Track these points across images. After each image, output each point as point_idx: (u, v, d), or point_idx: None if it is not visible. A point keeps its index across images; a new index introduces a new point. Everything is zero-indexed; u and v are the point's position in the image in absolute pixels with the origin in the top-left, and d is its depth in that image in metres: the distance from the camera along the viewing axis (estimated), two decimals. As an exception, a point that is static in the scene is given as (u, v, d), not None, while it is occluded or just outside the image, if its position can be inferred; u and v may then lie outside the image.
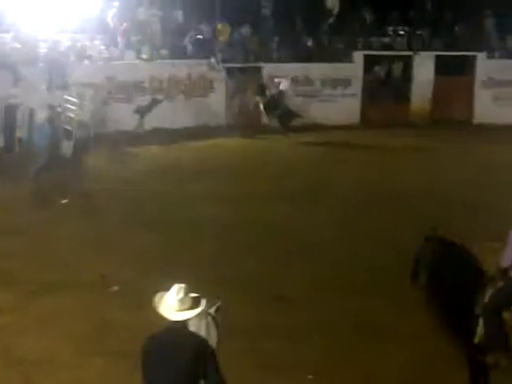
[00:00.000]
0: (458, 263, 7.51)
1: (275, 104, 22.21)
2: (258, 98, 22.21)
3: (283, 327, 9.25)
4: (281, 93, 22.43)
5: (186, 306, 5.28)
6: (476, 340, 7.27)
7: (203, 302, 5.40)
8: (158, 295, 5.41)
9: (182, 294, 5.28)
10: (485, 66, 24.00)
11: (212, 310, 5.95)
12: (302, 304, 9.96)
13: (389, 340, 8.91)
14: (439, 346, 8.09)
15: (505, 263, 7.23)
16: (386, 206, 14.67)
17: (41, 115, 16.90)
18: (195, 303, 5.34)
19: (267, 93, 22.30)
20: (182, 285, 5.35)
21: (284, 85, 22.56)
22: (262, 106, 22.17)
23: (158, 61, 22.21)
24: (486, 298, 7.21)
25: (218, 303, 5.95)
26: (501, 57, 24.33)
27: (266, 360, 8.39)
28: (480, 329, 7.21)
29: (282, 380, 8.04)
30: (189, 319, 5.39)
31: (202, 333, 5.74)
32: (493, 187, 15.85)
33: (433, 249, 7.65)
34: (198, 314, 5.70)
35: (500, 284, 7.26)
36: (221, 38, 22.91)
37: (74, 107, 18.25)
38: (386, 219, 13.75)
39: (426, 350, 8.53)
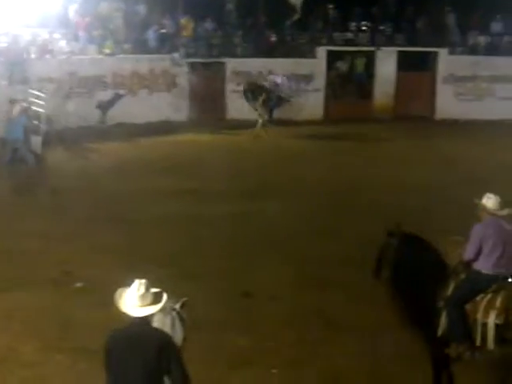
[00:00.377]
0: (420, 257, 7.59)
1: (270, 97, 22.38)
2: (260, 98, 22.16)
3: (249, 322, 9.26)
4: (276, 85, 22.54)
5: (147, 301, 5.25)
6: (439, 332, 7.35)
7: (164, 297, 5.37)
8: (119, 291, 5.36)
9: (142, 290, 5.24)
10: (446, 61, 24.28)
11: (177, 306, 5.93)
12: (267, 299, 9.96)
13: (353, 334, 8.96)
14: (403, 339, 8.17)
15: (467, 256, 7.31)
16: (350, 200, 14.77)
17: (15, 109, 16.68)
18: (156, 298, 5.31)
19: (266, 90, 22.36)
20: (143, 280, 5.31)
21: (279, 79, 22.71)
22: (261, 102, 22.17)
23: (121, 55, 22.07)
24: (449, 291, 7.30)
25: (184, 299, 5.93)
26: (462, 53, 24.61)
27: (231, 355, 8.39)
28: (443, 321, 7.29)
29: (246, 374, 8.04)
30: (152, 315, 5.36)
31: (167, 329, 5.71)
32: (454, 181, 16.05)
33: (396, 243, 7.72)
34: (163, 310, 5.68)
35: (462, 277, 7.36)
36: (184, 33, 22.85)
37: (41, 102, 18.09)
38: (349, 214, 13.84)
39: (390, 344, 8.58)
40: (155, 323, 5.62)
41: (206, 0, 22.81)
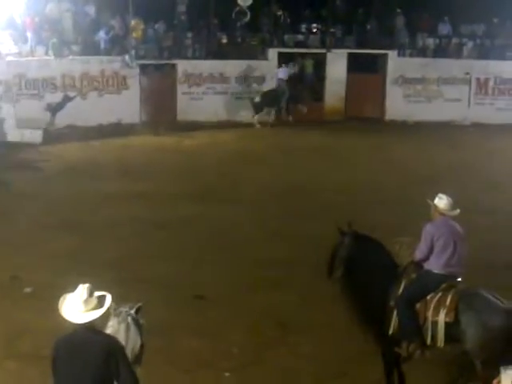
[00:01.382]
0: (372, 257, 7.64)
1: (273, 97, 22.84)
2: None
3: (202, 326, 9.23)
4: (281, 81, 22.90)
5: (91, 306, 5.15)
6: (390, 331, 7.41)
7: (108, 301, 5.28)
8: (63, 297, 5.27)
9: (85, 295, 5.16)
10: (396, 63, 24.53)
11: (133, 311, 5.86)
12: (220, 302, 9.95)
13: (305, 335, 9.01)
14: (355, 338, 8.21)
15: (419, 256, 7.40)
16: (300, 202, 14.82)
17: None
18: (100, 303, 5.22)
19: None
20: (86, 285, 5.22)
21: (282, 73, 23.04)
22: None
23: (70, 57, 21.80)
24: (400, 290, 7.37)
25: (139, 304, 5.86)
26: (411, 55, 24.91)
27: (184, 359, 8.37)
28: (394, 320, 7.36)
29: (199, 377, 8.03)
30: (101, 319, 5.28)
31: (121, 335, 5.62)
32: (403, 181, 16.25)
33: (348, 243, 7.76)
34: (118, 316, 5.62)
35: (413, 276, 7.44)
36: (134, 35, 22.66)
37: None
38: (300, 215, 13.88)
39: (342, 343, 8.65)
40: (108, 329, 5.56)
41: (156, 2, 22.68)
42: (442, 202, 7.40)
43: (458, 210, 7.44)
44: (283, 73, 23.27)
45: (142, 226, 13.05)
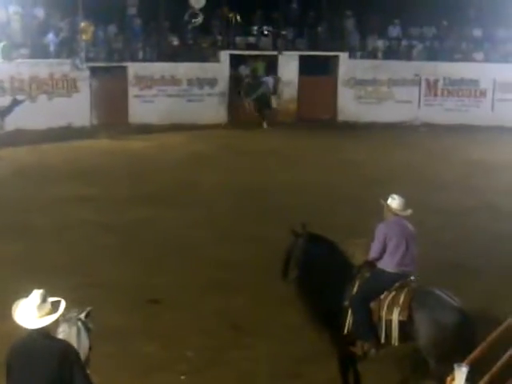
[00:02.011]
0: (326, 257, 7.68)
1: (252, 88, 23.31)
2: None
3: (156, 330, 9.16)
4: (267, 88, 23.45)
5: (44, 311, 5.11)
6: (345, 331, 7.45)
7: (62, 306, 5.24)
8: (16, 303, 5.20)
9: (39, 301, 5.10)
10: (347, 65, 24.73)
11: (82, 316, 5.79)
12: (174, 305, 9.88)
13: (260, 336, 9.00)
14: (309, 339, 8.25)
15: (372, 255, 7.46)
16: (253, 204, 14.81)
17: None
18: (54, 308, 5.18)
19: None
20: (40, 290, 5.16)
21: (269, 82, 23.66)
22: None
23: (19, 60, 21.46)
24: (354, 290, 7.42)
25: (88, 308, 5.80)
26: (361, 57, 25.13)
27: (138, 363, 8.28)
28: (349, 320, 7.40)
29: (154, 382, 7.97)
30: (54, 324, 5.22)
31: (73, 339, 5.57)
32: (355, 182, 16.38)
33: (302, 244, 7.78)
34: (68, 321, 5.56)
35: (367, 276, 7.49)
36: (84, 37, 22.39)
37: None
38: (255, 217, 13.88)
39: (297, 344, 8.67)
40: (60, 334, 5.50)
41: (106, 4, 22.46)
42: (394, 202, 7.47)
43: (410, 210, 7.53)
44: (270, 83, 23.76)
45: (92, 230, 12.90)
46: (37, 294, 5.12)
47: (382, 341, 7.28)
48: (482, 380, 5.31)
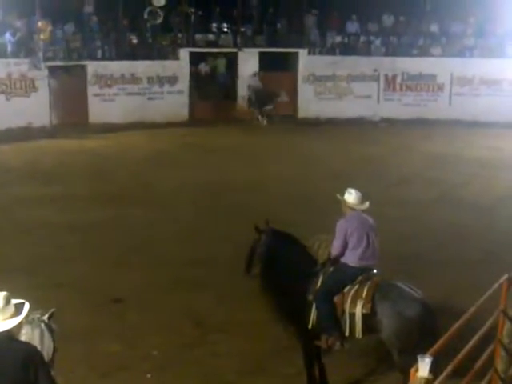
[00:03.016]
0: (290, 253, 7.71)
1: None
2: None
3: (121, 329, 9.12)
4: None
5: (8, 314, 5.05)
6: (309, 325, 7.50)
7: (26, 308, 5.18)
8: None
9: (2, 303, 5.03)
10: (306, 62, 24.83)
11: (45, 317, 5.75)
12: (138, 304, 9.85)
13: (224, 332, 9.02)
14: (273, 334, 8.29)
15: (334, 252, 7.51)
16: (216, 201, 14.81)
17: None
18: (18, 310, 5.12)
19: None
20: (4, 292, 5.10)
21: (253, 81, 23.71)
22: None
23: (-25, 60, 21.17)
24: (318, 285, 7.47)
25: (52, 310, 5.75)
26: (321, 53, 25.26)
27: (103, 363, 8.24)
28: (313, 314, 7.45)
29: (120, 381, 7.93)
30: (18, 327, 5.16)
31: (36, 341, 5.52)
32: (318, 178, 16.47)
33: (265, 240, 7.80)
34: (32, 323, 5.51)
35: (330, 270, 7.55)
36: (42, 36, 22.16)
37: None
38: (217, 215, 13.88)
39: (263, 340, 8.71)
40: (23, 336, 5.44)
41: (63, 3, 22.25)
42: (351, 196, 7.53)
43: (368, 203, 7.58)
44: (254, 81, 23.72)
45: (54, 230, 12.79)
46: (0, 297, 5.06)
47: (347, 334, 7.33)
48: (445, 370, 5.38)
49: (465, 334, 5.99)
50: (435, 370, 4.98)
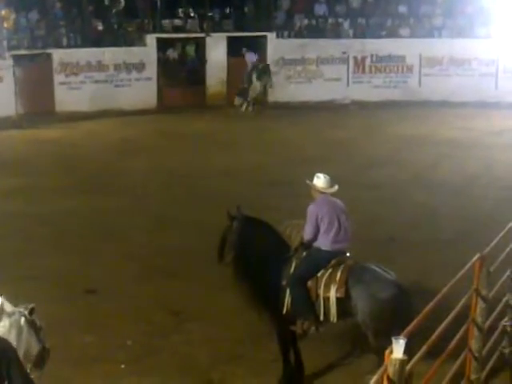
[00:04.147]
0: (262, 239, 7.67)
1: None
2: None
3: (94, 320, 9.04)
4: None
5: None
6: (284, 310, 7.46)
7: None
8: None
9: None
10: (275, 45, 24.71)
11: (26, 313, 5.62)
12: (112, 295, 9.76)
13: (198, 321, 8.98)
14: (248, 321, 8.26)
15: (307, 237, 7.48)
16: (187, 189, 14.69)
17: None
18: None
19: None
20: None
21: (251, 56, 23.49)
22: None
23: None
24: (291, 270, 7.43)
25: (31, 305, 5.62)
26: (289, 36, 25.14)
27: (78, 354, 8.17)
28: (287, 299, 7.41)
29: (94, 372, 7.87)
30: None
31: (12, 337, 5.41)
32: (290, 162, 16.41)
33: (237, 227, 7.74)
34: (9, 317, 5.40)
35: (303, 255, 7.51)
36: (5, 25, 21.80)
37: None
38: (187, 202, 13.80)
39: (235, 327, 8.69)
40: (-1, 329, 5.34)
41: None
42: (319, 181, 7.51)
43: (337, 187, 7.56)
44: (251, 56, 23.52)
45: (22, 222, 12.60)
46: None
47: (321, 318, 7.32)
48: (419, 351, 5.38)
49: (438, 315, 5.97)
50: (410, 351, 4.96)
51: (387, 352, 4.83)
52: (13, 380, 4.92)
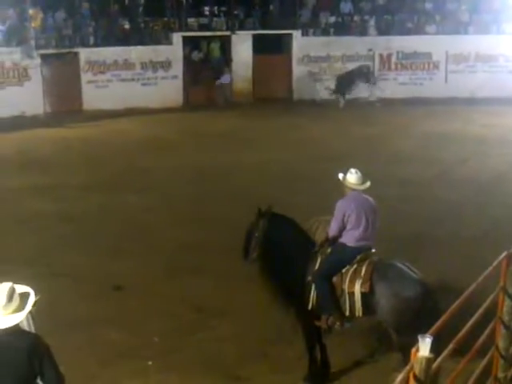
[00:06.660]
0: (288, 236, 7.66)
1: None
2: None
3: (122, 317, 9.09)
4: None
5: (10, 310, 4.93)
6: (309, 306, 7.47)
7: (30, 302, 5.07)
8: None
9: (5, 299, 4.91)
10: (300, 43, 24.69)
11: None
12: (138, 291, 9.81)
13: (224, 317, 9.00)
14: (273, 318, 8.26)
15: (332, 232, 7.46)
16: (214, 186, 14.73)
17: None
18: (22, 303, 5.00)
19: None
20: (7, 285, 4.97)
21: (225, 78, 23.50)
22: None
23: (-32, 50, 21.04)
24: (317, 266, 7.43)
25: (37, 297, 5.64)
26: (314, 34, 25.10)
27: (105, 351, 8.21)
28: (312, 295, 7.42)
29: (122, 369, 7.90)
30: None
31: (25, 326, 5.44)
32: (317, 159, 16.37)
33: (263, 224, 7.75)
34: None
35: (329, 251, 7.50)
36: (33, 24, 22.02)
37: None
38: (213, 199, 13.82)
39: (261, 324, 8.68)
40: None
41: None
42: (352, 176, 7.45)
43: (369, 183, 7.50)
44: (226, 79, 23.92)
45: (50, 220, 12.72)
46: (3, 291, 4.94)
47: (347, 314, 7.31)
48: (446, 349, 5.35)
49: (465, 313, 5.94)
50: (436, 349, 4.94)
51: (413, 350, 4.81)
52: (45, 375, 4.98)
